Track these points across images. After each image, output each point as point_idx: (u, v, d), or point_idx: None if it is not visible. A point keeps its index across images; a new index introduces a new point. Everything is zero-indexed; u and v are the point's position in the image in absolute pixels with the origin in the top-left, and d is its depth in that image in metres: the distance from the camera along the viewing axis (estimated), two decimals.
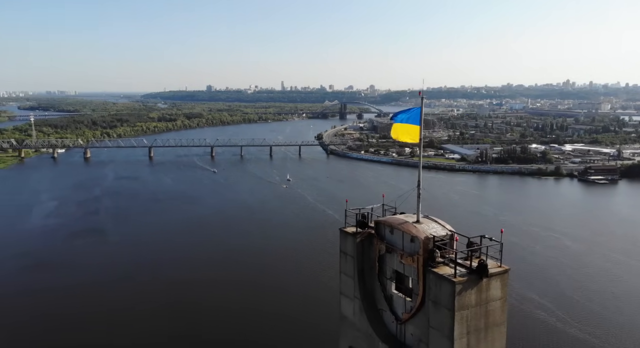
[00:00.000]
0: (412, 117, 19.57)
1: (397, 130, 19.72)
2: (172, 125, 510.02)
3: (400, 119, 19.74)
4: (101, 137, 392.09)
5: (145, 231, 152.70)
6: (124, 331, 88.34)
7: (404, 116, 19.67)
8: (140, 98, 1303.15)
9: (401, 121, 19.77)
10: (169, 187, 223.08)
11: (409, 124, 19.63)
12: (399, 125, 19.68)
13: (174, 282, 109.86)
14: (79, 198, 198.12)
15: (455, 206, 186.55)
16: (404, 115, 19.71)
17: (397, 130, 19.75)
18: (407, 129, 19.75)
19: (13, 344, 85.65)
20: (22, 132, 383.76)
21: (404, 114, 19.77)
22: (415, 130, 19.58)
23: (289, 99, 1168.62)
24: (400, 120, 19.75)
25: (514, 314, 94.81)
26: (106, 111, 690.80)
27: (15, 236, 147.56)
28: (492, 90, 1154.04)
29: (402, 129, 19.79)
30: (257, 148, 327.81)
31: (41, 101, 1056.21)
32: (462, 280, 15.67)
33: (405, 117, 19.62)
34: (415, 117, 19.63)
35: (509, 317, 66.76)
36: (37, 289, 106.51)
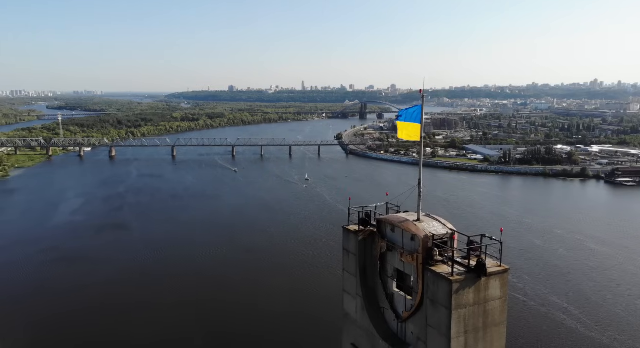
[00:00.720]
0: (414, 116, 19.58)
1: (401, 128, 19.79)
2: (195, 125, 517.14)
3: (404, 117, 19.78)
4: (126, 136, 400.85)
5: (167, 228, 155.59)
6: (141, 324, 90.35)
7: (407, 115, 19.71)
8: (164, 98, 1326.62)
9: (404, 120, 19.80)
10: (190, 185, 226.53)
11: (411, 122, 19.62)
12: (403, 123, 19.72)
13: (193, 278, 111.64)
14: (104, 195, 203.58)
15: (476, 207, 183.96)
16: (407, 114, 19.74)
17: (401, 129, 19.83)
18: (409, 127, 19.77)
19: (38, 331, 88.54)
20: (50, 130, 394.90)
21: (407, 112, 19.81)
22: (417, 128, 19.58)
23: (309, 98, 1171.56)
24: (403, 119, 19.78)
25: (535, 317, 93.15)
26: (131, 111, 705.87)
27: (43, 231, 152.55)
28: (517, 90, 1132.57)
29: (405, 128, 19.83)
30: (277, 148, 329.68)
31: (69, 101, 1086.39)
32: (460, 279, 15.56)
33: (408, 115, 19.65)
34: (417, 115, 19.62)
35: (529, 318, 65.72)
36: (62, 282, 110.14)
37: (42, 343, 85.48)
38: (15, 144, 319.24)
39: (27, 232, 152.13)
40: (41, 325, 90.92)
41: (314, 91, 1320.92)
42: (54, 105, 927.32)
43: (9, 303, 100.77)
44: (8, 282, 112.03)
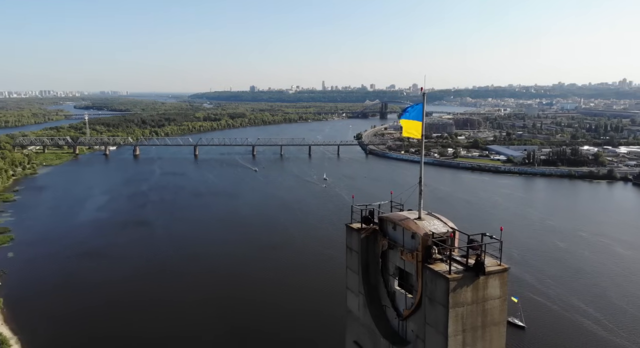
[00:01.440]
0: (416, 114, 19.68)
1: (405, 126, 19.88)
2: (217, 125, 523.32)
3: (406, 116, 19.88)
4: (150, 135, 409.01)
5: (188, 225, 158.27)
6: (160, 321, 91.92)
7: (410, 113, 19.81)
8: (188, 98, 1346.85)
9: (407, 118, 19.89)
10: (211, 183, 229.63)
11: (414, 120, 19.69)
12: (406, 121, 19.81)
13: (212, 275, 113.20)
14: (128, 193, 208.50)
15: (498, 209, 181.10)
16: (410, 112, 19.83)
17: (405, 127, 19.93)
18: (412, 125, 19.87)
19: (60, 326, 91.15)
20: (77, 130, 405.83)
21: (410, 110, 19.89)
22: (418, 126, 19.66)
23: (329, 98, 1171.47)
24: (406, 117, 19.88)
25: (558, 321, 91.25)
26: (155, 111, 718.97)
27: (69, 227, 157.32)
28: (542, 89, 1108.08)
29: (409, 126, 19.94)
30: (296, 147, 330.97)
31: (95, 101, 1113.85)
32: (457, 277, 15.46)
33: (411, 113, 19.75)
34: (418, 113, 19.69)
35: (551, 321, 64.33)
36: (86, 277, 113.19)
37: (64, 338, 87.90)
38: (43, 142, 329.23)
39: (54, 228, 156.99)
40: (63, 320, 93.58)
41: (334, 91, 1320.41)
42: (81, 105, 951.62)
43: (35, 297, 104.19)
44: (34, 276, 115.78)
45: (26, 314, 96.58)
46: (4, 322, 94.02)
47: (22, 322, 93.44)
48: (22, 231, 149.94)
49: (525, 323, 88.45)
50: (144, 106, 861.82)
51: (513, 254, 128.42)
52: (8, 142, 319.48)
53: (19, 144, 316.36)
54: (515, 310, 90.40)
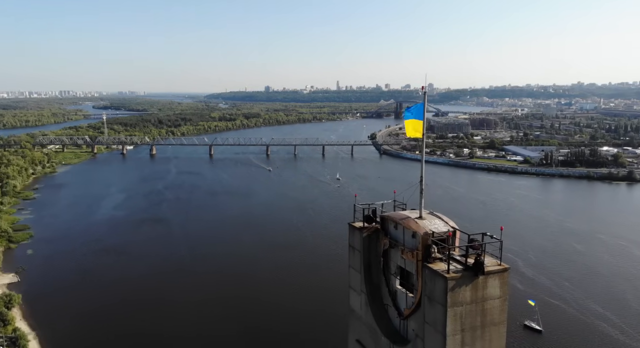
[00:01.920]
0: (417, 113, 19.67)
1: (408, 126, 19.89)
2: (232, 125, 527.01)
3: (408, 115, 19.90)
4: (166, 135, 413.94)
5: (202, 224, 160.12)
6: (172, 319, 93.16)
7: (412, 112, 19.82)
8: (204, 98, 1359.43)
9: (409, 118, 19.90)
10: (226, 183, 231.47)
11: (415, 119, 19.67)
12: (409, 121, 19.82)
13: (224, 275, 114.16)
14: (144, 191, 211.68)
15: (514, 210, 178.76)
16: (412, 111, 19.84)
17: (408, 126, 19.94)
18: (414, 125, 19.86)
19: (77, 321, 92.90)
20: (96, 129, 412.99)
21: (412, 109, 19.89)
22: (420, 125, 19.64)
23: (343, 98, 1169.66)
24: (408, 117, 19.89)
25: (574, 325, 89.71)
26: (172, 111, 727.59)
27: (87, 225, 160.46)
28: (561, 89, 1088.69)
29: (411, 125, 19.96)
30: (310, 147, 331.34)
31: (113, 101, 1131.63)
32: (456, 276, 15.38)
33: (413, 113, 19.75)
34: (419, 112, 19.65)
35: (568, 325, 63.16)
36: (102, 274, 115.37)
37: (81, 334, 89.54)
38: (62, 141, 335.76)
39: (72, 225, 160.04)
40: (80, 316, 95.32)
41: (348, 91, 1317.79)
42: (100, 105, 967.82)
43: (53, 293, 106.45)
44: (53, 273, 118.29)
45: (44, 310, 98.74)
46: (23, 317, 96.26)
47: (40, 318, 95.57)
48: (41, 228, 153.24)
49: (542, 327, 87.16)
50: (160, 106, 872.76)
51: (529, 256, 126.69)
52: (28, 141, 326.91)
53: (39, 143, 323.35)
54: (532, 314, 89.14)
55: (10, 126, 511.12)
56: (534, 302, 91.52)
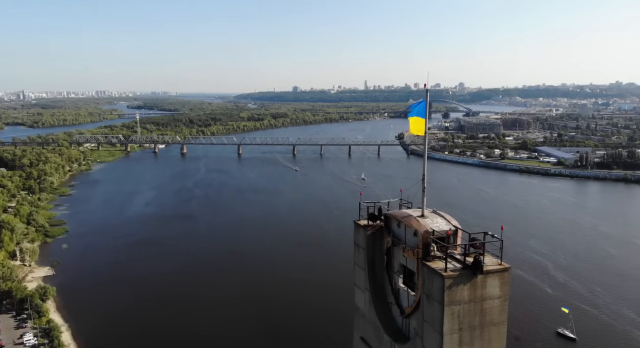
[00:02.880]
0: (420, 111, 19.52)
1: (412, 123, 19.82)
2: (260, 125, 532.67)
3: (413, 113, 19.78)
4: (197, 134, 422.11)
5: (229, 221, 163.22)
6: (201, 310, 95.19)
7: (416, 110, 19.69)
8: (233, 99, 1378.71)
9: (414, 115, 19.79)
10: (253, 181, 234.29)
11: (419, 117, 19.53)
12: (413, 118, 19.72)
13: (250, 273, 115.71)
14: (174, 188, 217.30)
15: (546, 213, 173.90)
16: (416, 109, 19.71)
17: (412, 124, 19.87)
18: (417, 122, 19.74)
19: (108, 314, 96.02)
20: (129, 128, 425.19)
21: (416, 107, 19.76)
22: (422, 123, 19.49)
23: (371, 98, 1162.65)
24: (413, 114, 19.77)
25: (607, 331, 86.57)
26: (202, 111, 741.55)
27: (120, 220, 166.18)
28: (598, 89, 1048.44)
29: (414, 123, 19.87)
30: (336, 147, 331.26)
31: (147, 101, 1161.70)
32: (453, 275, 15.19)
33: (416, 110, 19.62)
34: (422, 110, 19.49)
35: (600, 331, 60.86)
36: (133, 269, 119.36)
37: (111, 327, 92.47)
38: (98, 140, 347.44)
39: (106, 220, 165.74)
40: (111, 309, 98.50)
41: (376, 90, 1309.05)
42: (134, 105, 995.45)
43: (85, 287, 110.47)
44: (86, 267, 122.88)
45: (77, 303, 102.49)
46: (57, 309, 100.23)
47: (73, 311, 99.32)
48: (76, 223, 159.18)
49: (576, 335, 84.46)
50: (191, 106, 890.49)
51: (560, 260, 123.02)
52: (65, 139, 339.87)
53: (75, 142, 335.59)
54: (566, 321, 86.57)
55: (49, 125, 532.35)
56: (568, 309, 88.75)
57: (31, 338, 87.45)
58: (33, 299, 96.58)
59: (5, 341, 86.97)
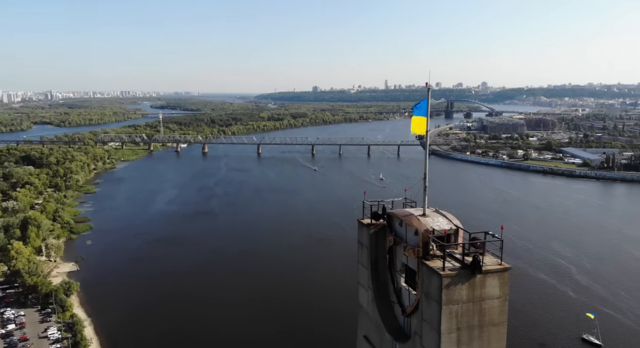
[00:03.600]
0: (422, 109, 19.43)
1: (413, 122, 19.84)
2: (279, 124, 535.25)
3: (416, 112, 19.76)
4: (218, 134, 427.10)
5: (249, 219, 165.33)
6: (218, 306, 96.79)
7: (418, 109, 19.65)
8: (254, 99, 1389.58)
9: (416, 114, 19.77)
10: (272, 180, 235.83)
11: (421, 116, 19.45)
12: (415, 118, 19.72)
13: (267, 270, 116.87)
14: (196, 187, 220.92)
15: (570, 215, 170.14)
16: (418, 108, 19.67)
17: (413, 123, 19.89)
18: (420, 122, 19.68)
19: (129, 309, 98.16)
20: (152, 128, 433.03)
21: (418, 106, 19.72)
22: (424, 121, 19.41)
23: (391, 97, 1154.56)
24: (416, 114, 19.74)
25: (634, 338, 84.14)
26: (223, 111, 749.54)
27: (143, 217, 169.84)
28: (626, 88, 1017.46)
29: (416, 122, 19.87)
30: (355, 147, 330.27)
31: (170, 101, 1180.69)
32: (451, 274, 15.07)
33: (419, 110, 19.56)
34: (423, 109, 19.38)
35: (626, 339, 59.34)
36: (154, 265, 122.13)
37: (132, 322, 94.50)
38: (122, 139, 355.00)
39: (129, 217, 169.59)
40: (133, 305, 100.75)
41: (397, 90, 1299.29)
42: (157, 105, 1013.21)
43: (108, 282, 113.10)
44: (109, 263, 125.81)
45: (100, 298, 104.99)
46: (80, 304, 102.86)
47: (95, 306, 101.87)
48: (100, 220, 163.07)
49: (601, 342, 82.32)
50: (213, 106, 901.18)
51: (583, 263, 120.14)
52: (91, 138, 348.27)
53: (100, 140, 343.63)
54: (592, 327, 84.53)
55: (75, 124, 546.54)
56: (594, 314, 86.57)
57: (55, 332, 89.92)
58: (57, 294, 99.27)
59: (30, 335, 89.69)
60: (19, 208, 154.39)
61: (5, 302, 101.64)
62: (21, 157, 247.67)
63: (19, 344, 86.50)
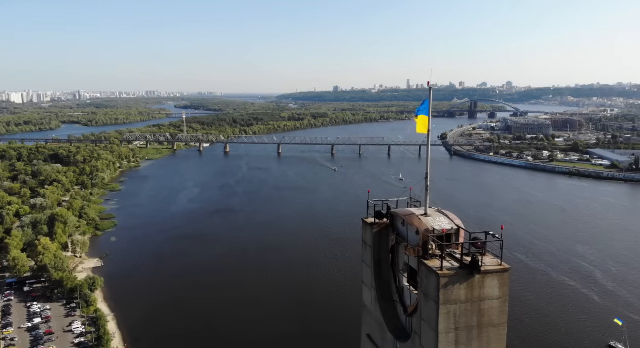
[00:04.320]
0: (424, 109, 19.39)
1: (418, 122, 19.87)
2: (300, 124, 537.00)
3: (419, 111, 19.79)
4: (239, 133, 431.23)
5: (268, 217, 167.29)
6: (239, 303, 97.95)
7: (421, 109, 19.63)
8: (275, 99, 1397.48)
9: (419, 113, 19.76)
10: (291, 180, 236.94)
11: (423, 115, 19.38)
12: (419, 117, 19.80)
13: (286, 269, 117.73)
14: (217, 185, 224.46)
15: (597, 218, 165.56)
16: (421, 108, 19.65)
17: (418, 123, 19.98)
18: (423, 121, 19.62)
19: (152, 304, 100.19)
20: (176, 127, 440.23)
21: (421, 107, 19.71)
22: (426, 121, 19.35)
23: (413, 97, 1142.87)
24: (419, 113, 19.74)
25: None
26: (245, 111, 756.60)
27: (166, 214, 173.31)
28: None
29: (420, 121, 19.92)
30: (375, 147, 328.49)
31: (193, 101, 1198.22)
32: (449, 274, 14.90)
33: (421, 109, 19.54)
34: (425, 108, 19.29)
35: None
36: (176, 261, 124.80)
37: (154, 317, 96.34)
38: (146, 138, 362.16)
39: (152, 214, 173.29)
40: (155, 300, 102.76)
41: (419, 89, 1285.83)
42: (181, 105, 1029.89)
43: (132, 278, 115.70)
44: (133, 259, 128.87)
45: (123, 294, 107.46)
46: (104, 299, 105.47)
47: (119, 301, 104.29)
48: (125, 217, 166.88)
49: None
50: (235, 106, 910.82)
51: (609, 268, 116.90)
52: (117, 137, 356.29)
53: (125, 140, 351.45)
54: (620, 335, 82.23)
55: (102, 123, 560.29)
56: (623, 322, 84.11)
57: (79, 326, 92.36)
58: (82, 289, 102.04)
59: (55, 328, 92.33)
60: (47, 205, 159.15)
61: (32, 296, 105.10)
62: (50, 156, 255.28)
63: (45, 337, 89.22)
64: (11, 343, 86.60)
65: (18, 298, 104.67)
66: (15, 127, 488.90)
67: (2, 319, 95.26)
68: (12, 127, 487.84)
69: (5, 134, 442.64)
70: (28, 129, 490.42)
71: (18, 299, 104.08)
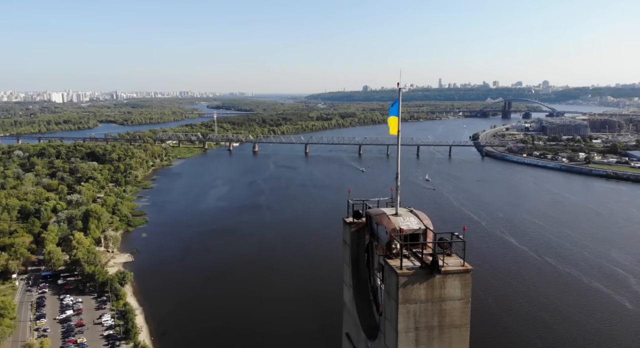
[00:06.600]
0: (394, 110, 19.34)
1: (390, 123, 19.92)
2: (328, 124, 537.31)
3: (391, 112, 19.75)
4: (268, 133, 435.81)
5: (294, 214, 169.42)
6: (266, 300, 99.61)
7: (392, 110, 19.62)
8: (304, 99, 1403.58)
9: (391, 115, 19.74)
10: (318, 179, 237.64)
11: (394, 116, 19.36)
12: (391, 118, 19.85)
13: (310, 268, 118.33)
14: (246, 183, 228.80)
15: (634, 222, 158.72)
16: (391, 109, 19.67)
17: (390, 124, 20.24)
18: (393, 122, 19.92)
19: (180, 299, 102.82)
20: (207, 127, 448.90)
21: (391, 107, 19.71)
22: (396, 121, 19.31)
23: (445, 96, 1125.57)
24: (391, 114, 19.73)
25: None
26: (274, 111, 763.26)
27: (196, 211, 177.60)
28: None
29: (392, 122, 20.12)
30: (403, 147, 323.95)
31: (225, 101, 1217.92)
32: (407, 273, 14.79)
33: (393, 110, 19.52)
34: (395, 109, 19.24)
35: None
36: (203, 256, 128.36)
37: (181, 312, 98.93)
38: (178, 138, 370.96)
39: (182, 211, 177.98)
40: (183, 295, 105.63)
41: (451, 89, 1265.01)
42: (213, 105, 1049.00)
43: (161, 273, 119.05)
44: (162, 254, 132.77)
45: (152, 288, 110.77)
46: (133, 293, 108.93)
47: (147, 295, 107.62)
48: (156, 214, 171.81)
49: None
50: (265, 106, 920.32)
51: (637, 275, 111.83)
52: (150, 136, 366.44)
53: (159, 138, 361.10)
54: None
55: (137, 123, 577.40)
56: None
57: (109, 319, 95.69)
58: (113, 283, 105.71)
59: (86, 320, 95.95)
60: (82, 202, 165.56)
61: (65, 289, 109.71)
62: (86, 154, 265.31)
63: (76, 329, 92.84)
64: (44, 334, 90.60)
65: (52, 290, 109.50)
66: (55, 126, 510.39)
67: (37, 310, 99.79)
68: (52, 125, 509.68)
69: (45, 132, 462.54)
70: (67, 128, 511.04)
71: (52, 291, 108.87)
